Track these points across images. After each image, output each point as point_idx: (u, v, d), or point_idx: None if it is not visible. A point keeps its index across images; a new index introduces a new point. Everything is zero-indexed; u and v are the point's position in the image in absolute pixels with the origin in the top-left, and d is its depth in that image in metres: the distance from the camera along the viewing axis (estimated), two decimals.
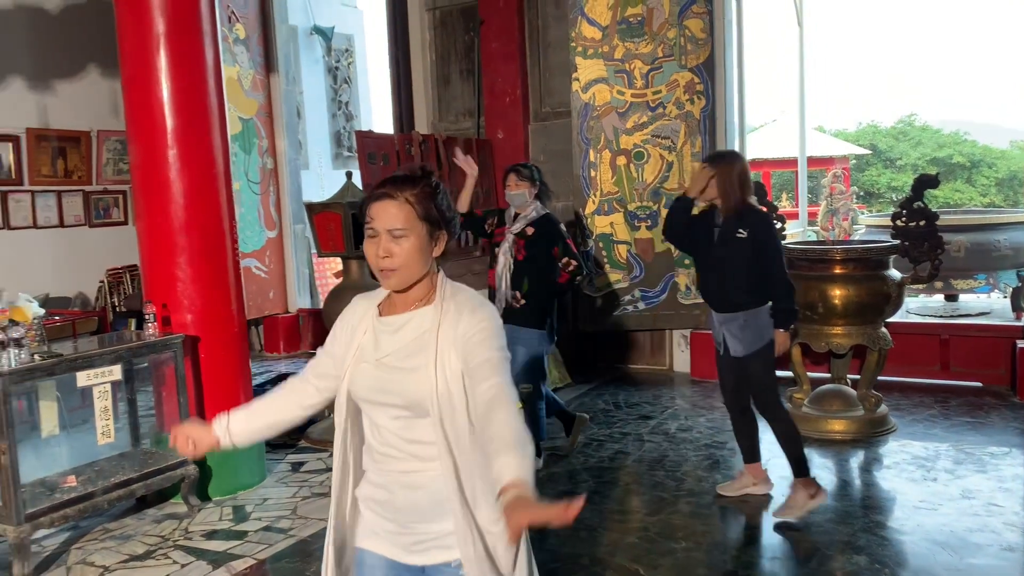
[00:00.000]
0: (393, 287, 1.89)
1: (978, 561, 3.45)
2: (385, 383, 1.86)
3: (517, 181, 4.65)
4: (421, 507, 1.87)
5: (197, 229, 4.48)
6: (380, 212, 1.85)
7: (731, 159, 4.09)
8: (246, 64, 8.47)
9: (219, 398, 4.56)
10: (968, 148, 25.56)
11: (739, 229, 3.97)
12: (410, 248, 1.84)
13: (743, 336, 4.02)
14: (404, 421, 1.87)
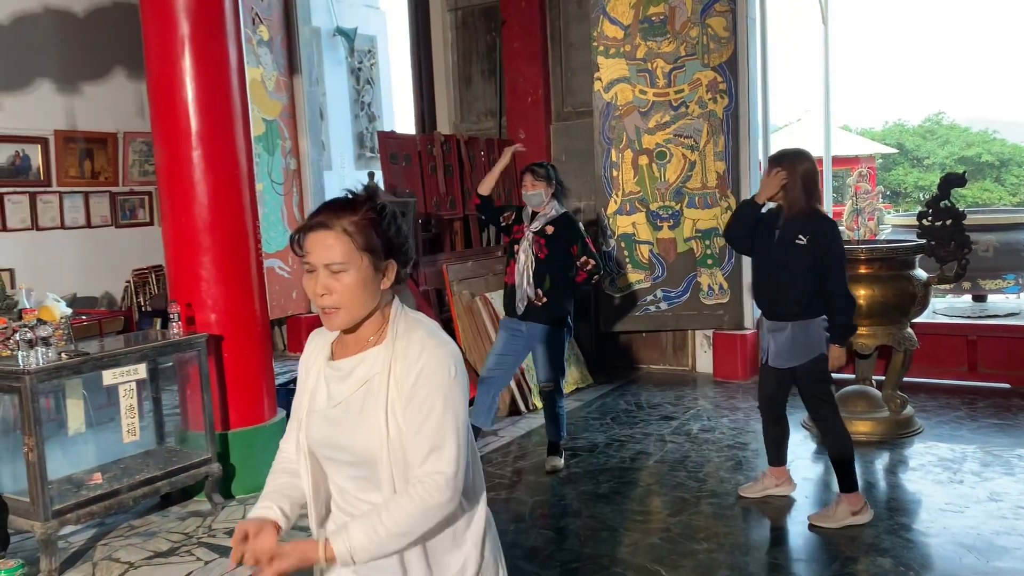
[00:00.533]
0: (338, 327, 1.70)
1: (1005, 564, 3.40)
2: (335, 436, 1.70)
3: (533, 181, 4.65)
4: (380, 567, 1.68)
5: (221, 229, 4.52)
6: (315, 245, 1.65)
7: (794, 158, 3.86)
8: (270, 66, 8.53)
9: (242, 397, 4.60)
10: (997, 147, 25.20)
11: (800, 235, 3.79)
12: (352, 283, 1.65)
13: (787, 349, 3.88)
14: (358, 483, 1.70)
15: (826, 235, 3.77)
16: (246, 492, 4.56)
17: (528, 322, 4.67)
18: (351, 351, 1.73)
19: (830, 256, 3.76)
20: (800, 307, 3.82)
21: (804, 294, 3.80)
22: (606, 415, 5.88)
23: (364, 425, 1.65)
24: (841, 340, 3.83)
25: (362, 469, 1.68)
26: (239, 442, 4.56)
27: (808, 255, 3.77)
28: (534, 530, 3.94)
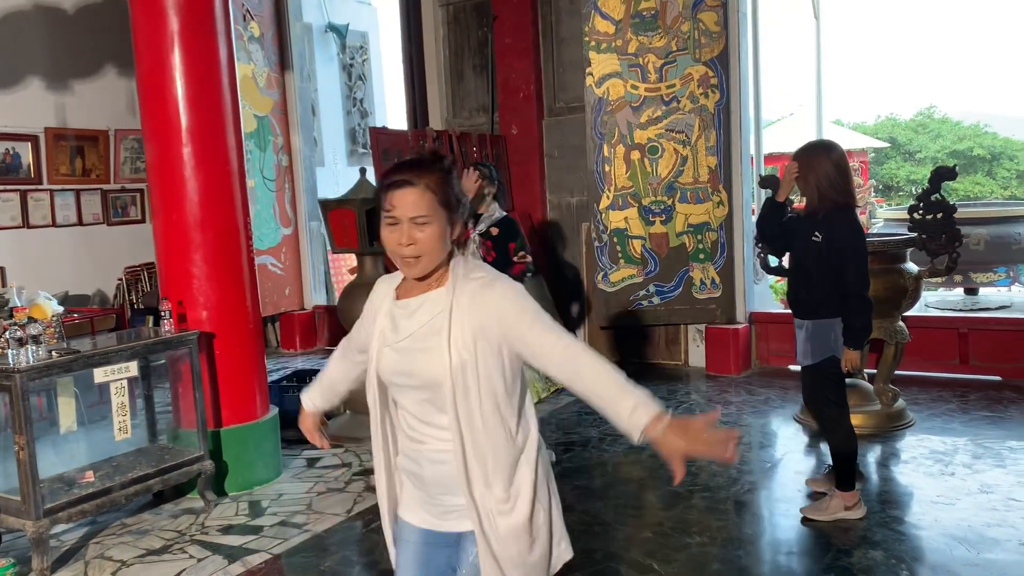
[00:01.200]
0: (416, 275, 1.91)
1: (996, 556, 3.42)
2: (404, 365, 1.91)
3: (478, 179, 4.62)
4: (447, 480, 1.92)
5: (212, 226, 4.51)
6: (401, 200, 1.85)
7: (814, 152, 3.76)
8: (261, 62, 8.50)
9: (234, 394, 4.59)
10: (988, 140, 25.26)
11: (816, 232, 3.72)
12: (432, 235, 1.85)
13: (806, 345, 3.83)
14: (423, 405, 1.92)
15: (840, 232, 3.66)
16: (239, 489, 4.56)
17: None
18: (415, 293, 1.95)
19: (844, 254, 3.65)
20: (815, 306, 3.77)
21: (819, 292, 3.74)
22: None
23: (430, 354, 1.86)
24: (855, 343, 3.70)
25: (428, 392, 1.89)
26: (232, 439, 4.55)
27: (823, 253, 3.70)
28: None
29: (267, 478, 4.70)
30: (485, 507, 1.89)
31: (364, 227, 5.34)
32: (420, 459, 1.96)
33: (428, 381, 1.88)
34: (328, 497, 4.45)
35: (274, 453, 4.80)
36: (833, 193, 3.71)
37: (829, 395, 3.88)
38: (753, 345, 6.93)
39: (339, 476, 4.76)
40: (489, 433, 1.88)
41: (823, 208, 3.74)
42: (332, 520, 4.12)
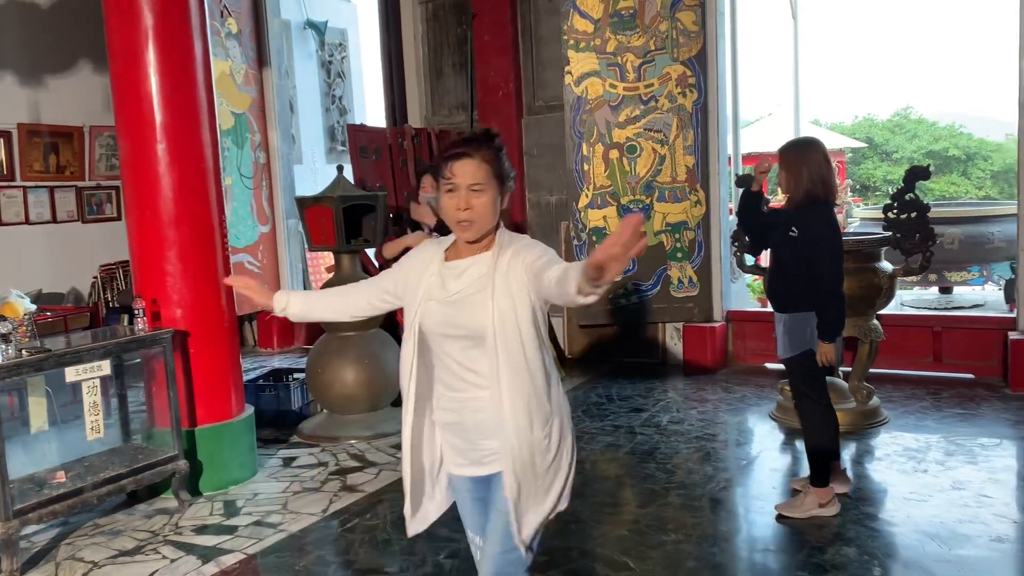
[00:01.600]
0: (470, 238, 2.17)
1: (967, 552, 3.46)
2: (452, 317, 2.16)
3: (434, 183, 4.60)
4: (486, 426, 2.18)
5: (187, 223, 4.47)
6: (460, 169, 2.12)
7: (804, 147, 3.82)
8: (238, 58, 8.44)
9: (209, 393, 4.55)
10: (964, 141, 25.57)
11: (792, 227, 3.77)
12: (486, 202, 2.13)
13: (784, 339, 3.89)
14: (467, 352, 2.16)
15: (814, 228, 3.71)
16: (214, 489, 4.53)
17: None
18: (464, 255, 2.21)
19: (818, 248, 3.70)
20: (791, 299, 3.82)
21: (795, 287, 3.79)
22: (577, 408, 5.89)
23: (476, 309, 2.13)
24: (828, 337, 3.75)
25: (471, 340, 2.15)
26: (206, 439, 4.51)
27: (798, 248, 3.76)
28: None
29: (242, 478, 4.66)
30: (520, 446, 2.13)
31: (341, 225, 5.31)
32: (461, 409, 2.21)
33: (473, 331, 2.13)
34: (304, 496, 4.42)
35: (249, 452, 4.76)
36: (819, 188, 3.75)
37: (804, 388, 3.91)
38: (730, 343, 6.97)
39: (315, 475, 4.74)
40: (526, 378, 2.13)
41: (802, 203, 3.77)
42: (308, 520, 4.10)
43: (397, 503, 4.26)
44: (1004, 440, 4.86)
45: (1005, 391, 5.82)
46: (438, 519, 2.45)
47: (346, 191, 5.43)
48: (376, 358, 5.44)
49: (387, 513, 4.13)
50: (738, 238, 5.68)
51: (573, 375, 6.80)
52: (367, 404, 5.44)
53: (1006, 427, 5.08)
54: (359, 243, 5.59)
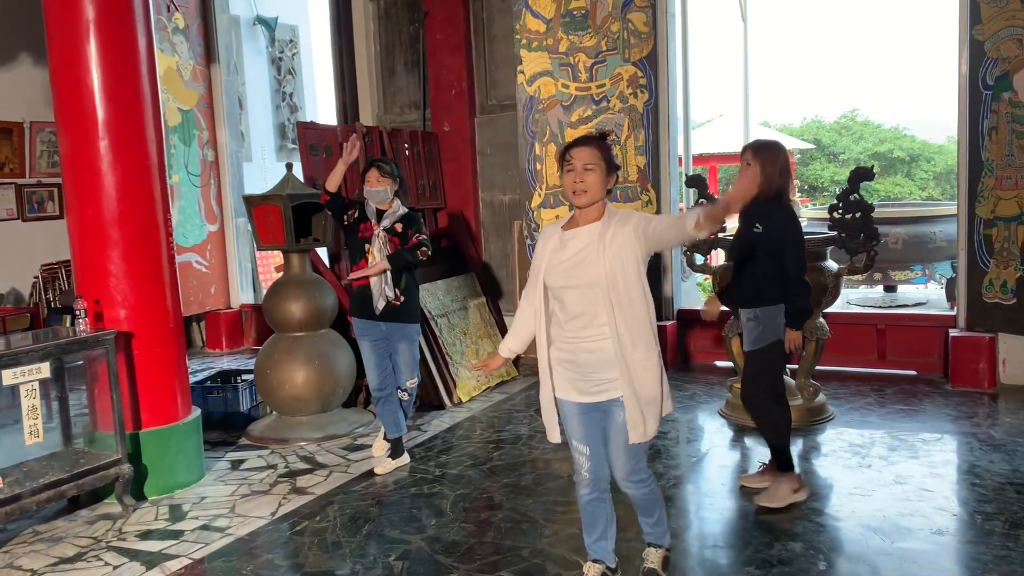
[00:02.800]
0: (582, 205, 2.85)
1: (908, 545, 3.54)
2: (570, 272, 2.85)
3: (379, 176, 4.56)
4: (596, 362, 2.86)
5: (130, 222, 4.37)
6: (578, 153, 2.85)
7: (773, 148, 3.99)
8: (186, 54, 8.28)
9: (154, 395, 4.46)
10: (908, 143, 26.19)
11: (756, 223, 3.90)
12: (596, 178, 2.83)
13: (752, 333, 4.00)
14: (584, 298, 2.83)
15: (780, 223, 3.87)
16: (159, 493, 4.43)
17: (388, 323, 4.62)
18: (579, 224, 2.90)
19: (784, 243, 3.86)
20: (758, 294, 3.95)
21: (762, 281, 3.93)
22: (530, 407, 5.90)
23: (590, 266, 2.82)
24: (796, 324, 3.93)
25: (588, 290, 2.83)
26: (151, 442, 4.42)
27: (764, 243, 3.88)
28: (455, 524, 3.93)
29: (189, 481, 4.58)
30: (632, 365, 2.82)
31: (291, 223, 5.24)
32: (576, 349, 2.88)
33: (588, 283, 2.81)
34: (252, 500, 4.35)
35: (196, 455, 4.67)
36: (782, 185, 3.92)
37: (764, 382, 4.03)
38: (680, 342, 7.03)
39: (264, 478, 4.67)
40: (632, 313, 2.82)
41: (762, 200, 3.89)
42: (256, 523, 4.04)
43: (347, 505, 4.22)
44: (945, 435, 4.99)
45: (946, 387, 5.97)
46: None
47: (295, 189, 5.36)
48: (326, 359, 5.38)
49: (337, 515, 4.08)
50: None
51: (525, 373, 6.80)
52: (317, 405, 5.37)
53: (947, 422, 5.22)
54: (309, 242, 5.52)
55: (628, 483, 3.01)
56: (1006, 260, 5.86)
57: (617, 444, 2.93)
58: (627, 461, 2.96)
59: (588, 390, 2.91)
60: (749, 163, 3.98)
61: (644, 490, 3.05)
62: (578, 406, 2.95)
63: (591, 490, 3.05)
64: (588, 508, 3.10)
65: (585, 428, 2.98)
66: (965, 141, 6.03)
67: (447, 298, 6.55)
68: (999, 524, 3.68)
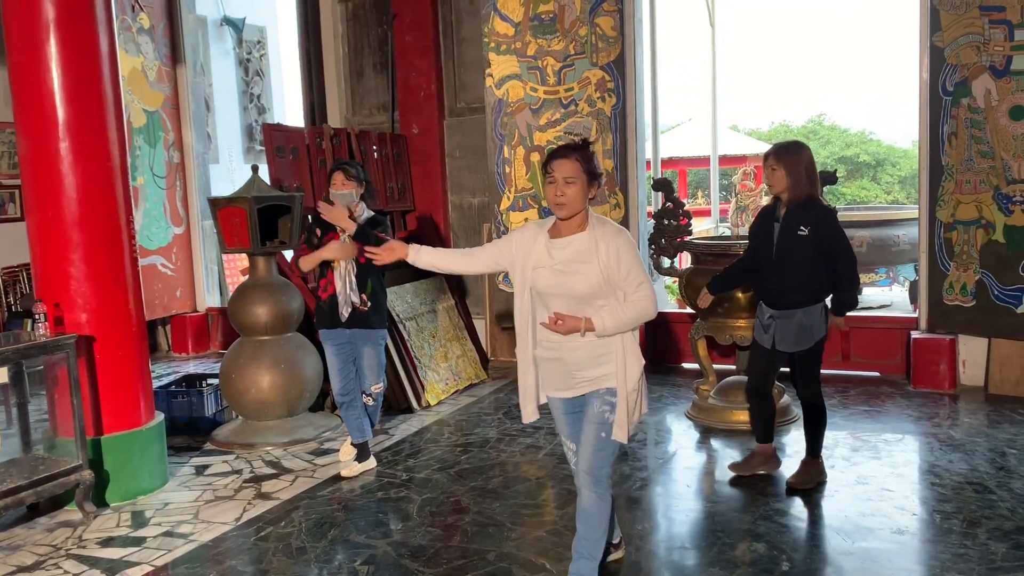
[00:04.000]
0: (563, 216, 2.90)
1: (869, 544, 3.58)
2: (559, 281, 2.91)
3: (344, 180, 4.50)
4: (581, 361, 2.96)
5: (92, 224, 4.31)
6: (559, 165, 2.88)
7: (798, 150, 4.06)
8: (151, 55, 8.19)
9: (116, 400, 4.40)
10: (873, 147, 26.59)
11: (801, 226, 3.97)
12: (576, 191, 2.87)
13: (795, 334, 4.10)
14: (571, 306, 2.90)
15: (829, 224, 3.97)
16: (122, 499, 4.37)
17: (354, 329, 4.60)
18: (564, 234, 2.94)
19: (837, 244, 3.99)
20: (807, 294, 4.06)
21: (810, 281, 4.04)
22: (499, 410, 5.90)
23: (581, 276, 2.88)
24: (843, 312, 4.19)
25: (578, 302, 2.90)
26: (113, 447, 4.36)
27: (811, 244, 3.98)
28: (421, 528, 3.92)
29: (152, 487, 4.52)
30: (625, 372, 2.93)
31: (256, 226, 5.19)
32: (560, 349, 2.96)
33: (578, 294, 2.88)
34: (217, 505, 4.31)
35: (160, 461, 4.62)
36: (816, 187, 4.03)
37: (816, 375, 4.25)
38: (648, 344, 7.07)
39: (228, 484, 4.62)
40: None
41: (804, 202, 4.00)
42: (220, 529, 3.99)
43: (312, 510, 4.19)
44: (906, 435, 5.06)
45: (908, 388, 6.07)
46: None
47: (261, 191, 5.31)
48: (292, 363, 5.33)
49: (302, 520, 4.05)
50: (656, 241, 5.77)
51: (494, 376, 6.81)
52: (283, 410, 5.33)
53: (908, 423, 5.30)
54: (275, 245, 5.48)
55: (587, 476, 3.02)
56: (965, 263, 5.97)
57: (588, 433, 3.00)
58: (593, 453, 3.01)
59: (573, 386, 3.01)
60: (774, 168, 4.05)
61: (602, 493, 3.04)
62: (564, 403, 3.08)
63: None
64: None
65: (571, 426, 3.10)
66: (926, 146, 6.14)
67: (416, 301, 6.53)
68: (957, 523, 3.75)
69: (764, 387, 4.38)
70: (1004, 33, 5.65)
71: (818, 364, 4.25)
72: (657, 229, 5.73)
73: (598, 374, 2.96)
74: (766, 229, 4.18)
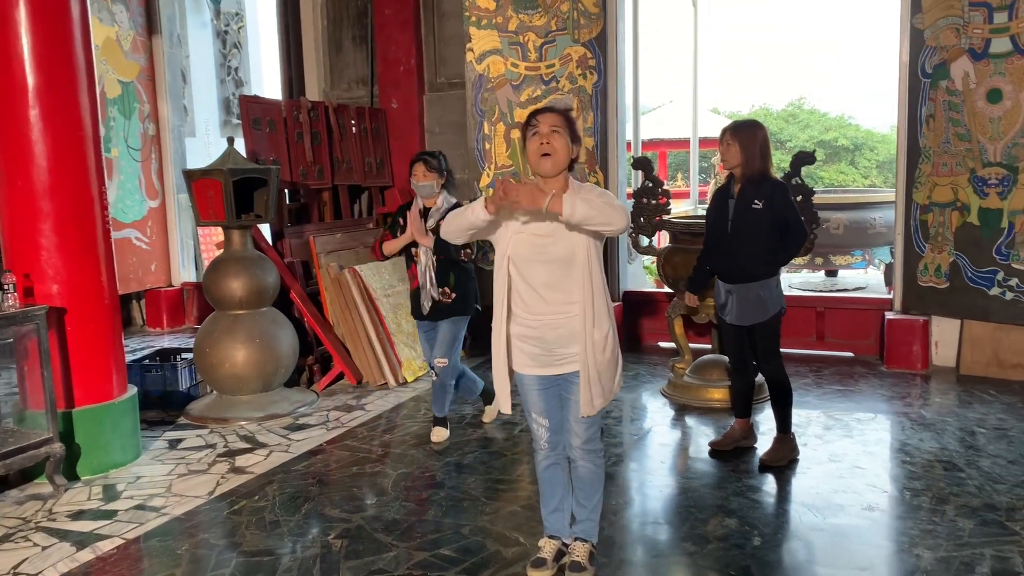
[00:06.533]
0: (548, 170, 2.83)
1: (840, 520, 3.62)
2: (543, 246, 2.83)
3: (426, 171, 4.52)
4: (561, 338, 2.88)
5: (63, 194, 4.24)
6: (543, 118, 2.84)
7: (754, 128, 4.14)
8: (126, 24, 8.04)
9: (88, 373, 4.35)
10: (852, 131, 26.70)
11: (755, 200, 4.04)
12: (562, 142, 2.82)
13: (752, 307, 4.16)
14: (553, 273, 2.83)
15: (781, 197, 4.06)
16: (93, 473, 4.33)
17: (446, 320, 4.61)
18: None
19: (788, 215, 4.06)
20: (763, 267, 4.12)
21: (765, 254, 4.10)
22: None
23: (563, 240, 2.81)
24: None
25: (561, 266, 2.83)
26: (85, 420, 4.31)
27: (765, 217, 4.04)
28: (396, 503, 3.91)
29: (124, 460, 4.48)
30: (596, 340, 2.84)
31: (231, 199, 5.13)
32: (541, 326, 2.88)
33: (559, 258, 2.81)
34: (190, 479, 4.28)
35: (132, 434, 4.57)
36: (764, 163, 4.09)
37: (776, 347, 4.27)
38: (625, 323, 7.09)
39: (202, 457, 4.59)
40: (598, 290, 2.85)
41: (758, 178, 4.07)
42: (193, 502, 3.97)
43: (286, 484, 4.18)
44: (878, 414, 5.12)
45: (881, 368, 6.13)
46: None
47: (237, 164, 5.25)
48: (268, 337, 5.30)
49: (276, 494, 4.04)
50: (635, 219, 5.76)
51: (472, 354, 6.79)
52: (258, 384, 5.29)
53: (881, 402, 5.36)
54: (250, 218, 5.42)
55: (583, 451, 3.05)
56: (940, 245, 6.02)
57: (577, 413, 2.97)
58: (585, 430, 3.02)
59: (550, 364, 2.94)
60: (729, 143, 4.12)
61: (597, 460, 3.10)
62: (538, 379, 2.99)
63: (549, 456, 3.13)
64: (546, 475, 3.16)
65: (545, 402, 3.03)
66: (904, 128, 6.16)
67: (393, 277, 6.49)
68: (927, 500, 3.80)
69: (744, 362, 4.43)
70: (983, 16, 5.67)
71: (777, 339, 4.28)
72: (636, 208, 5.72)
73: (575, 351, 2.91)
74: (721, 207, 4.24)
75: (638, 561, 3.32)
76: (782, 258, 4.21)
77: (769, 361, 4.30)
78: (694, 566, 3.27)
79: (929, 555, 3.27)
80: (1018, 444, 4.50)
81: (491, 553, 3.37)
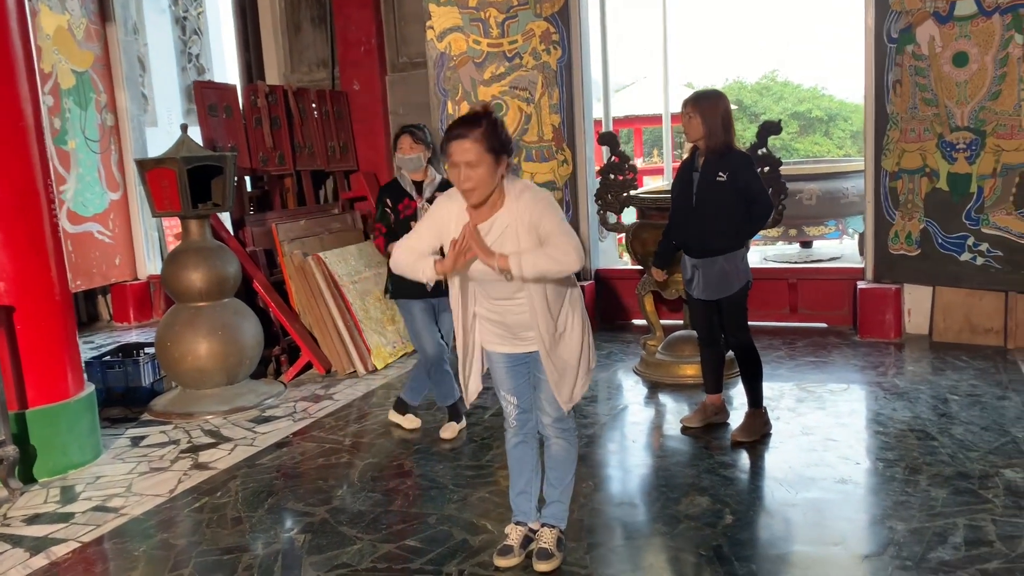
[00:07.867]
0: (474, 202, 2.68)
1: (811, 495, 3.57)
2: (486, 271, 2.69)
3: (412, 143, 4.33)
4: (525, 322, 2.83)
5: (6, 188, 4.09)
6: (457, 149, 2.61)
7: (715, 98, 4.05)
8: (77, 11, 7.81)
9: (41, 372, 4.21)
10: (826, 103, 26.74)
11: (719, 172, 3.97)
12: (482, 173, 2.62)
13: (718, 281, 4.11)
14: (504, 286, 2.75)
15: (745, 169, 3.98)
16: (50, 475, 4.21)
17: (439, 298, 4.31)
18: (486, 216, 2.72)
19: (752, 187, 3.97)
20: (728, 240, 4.05)
21: (731, 227, 4.03)
22: None
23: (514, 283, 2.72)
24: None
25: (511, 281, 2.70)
26: (40, 421, 4.18)
27: (729, 190, 3.97)
28: (362, 494, 3.82)
29: (83, 460, 4.36)
30: (547, 336, 2.80)
31: (187, 188, 4.99)
32: (504, 314, 2.85)
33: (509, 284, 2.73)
34: (151, 477, 4.17)
35: (91, 434, 4.45)
36: (726, 135, 4.01)
37: (743, 322, 4.20)
38: (597, 301, 7.01)
39: (165, 455, 4.48)
40: (549, 293, 2.76)
41: (722, 149, 3.99)
42: (153, 502, 3.86)
43: (250, 479, 4.08)
44: (851, 385, 5.08)
45: (854, 338, 6.10)
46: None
47: (191, 152, 5.10)
48: (230, 328, 5.17)
49: (240, 490, 3.94)
50: (602, 196, 5.67)
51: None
52: (223, 377, 5.18)
53: (854, 372, 5.32)
54: (207, 207, 5.28)
55: (555, 428, 3.01)
56: (910, 212, 5.98)
57: (547, 391, 2.93)
58: (557, 408, 2.97)
59: (516, 343, 2.91)
60: (691, 115, 4.04)
61: (570, 439, 3.06)
62: (505, 357, 2.96)
63: (518, 433, 3.08)
64: (515, 453, 3.11)
65: (514, 380, 2.99)
66: (872, 95, 6.09)
67: (360, 263, 6.37)
68: (900, 471, 3.75)
69: (712, 335, 4.38)
70: None
71: (744, 312, 4.23)
72: (603, 184, 5.62)
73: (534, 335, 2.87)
74: (686, 180, 4.17)
75: (608, 544, 3.26)
76: (747, 231, 4.15)
77: (737, 335, 4.24)
78: (665, 548, 3.21)
79: (903, 527, 3.22)
80: (990, 410, 4.47)
81: (457, 542, 3.29)
